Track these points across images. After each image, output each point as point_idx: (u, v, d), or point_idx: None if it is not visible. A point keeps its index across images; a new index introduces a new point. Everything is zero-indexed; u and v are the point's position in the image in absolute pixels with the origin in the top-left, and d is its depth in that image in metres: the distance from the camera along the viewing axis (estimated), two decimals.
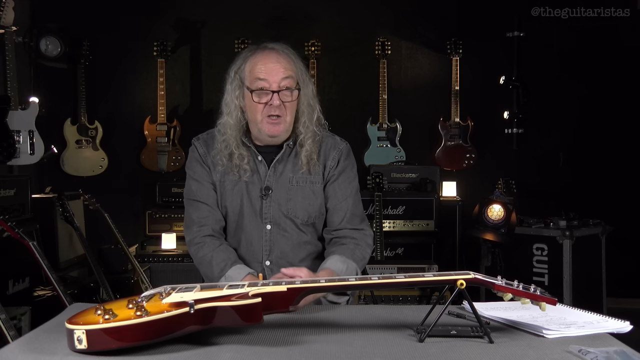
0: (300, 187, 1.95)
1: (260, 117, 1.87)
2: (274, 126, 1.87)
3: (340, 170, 1.98)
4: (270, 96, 1.84)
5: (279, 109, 1.85)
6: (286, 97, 1.86)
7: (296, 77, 1.89)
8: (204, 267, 1.92)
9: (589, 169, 4.76)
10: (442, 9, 4.85)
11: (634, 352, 1.22)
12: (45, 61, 4.45)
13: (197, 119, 4.76)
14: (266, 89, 1.85)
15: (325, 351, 1.25)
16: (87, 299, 3.34)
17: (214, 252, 1.89)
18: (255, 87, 1.86)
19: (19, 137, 3.81)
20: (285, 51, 1.90)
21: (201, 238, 1.93)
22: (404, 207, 4.32)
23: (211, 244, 1.91)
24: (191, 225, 1.96)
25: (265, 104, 1.85)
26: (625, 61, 4.72)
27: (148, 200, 4.61)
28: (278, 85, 1.85)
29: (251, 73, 1.87)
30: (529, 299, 1.34)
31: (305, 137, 1.92)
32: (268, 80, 1.85)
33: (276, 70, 1.85)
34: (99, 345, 1.19)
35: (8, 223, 2.71)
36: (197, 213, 1.96)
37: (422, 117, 4.87)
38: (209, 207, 1.95)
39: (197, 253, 1.93)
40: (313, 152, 1.93)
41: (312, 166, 1.94)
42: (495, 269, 3.92)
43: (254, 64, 1.87)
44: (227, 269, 1.84)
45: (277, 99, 1.84)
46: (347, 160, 2.00)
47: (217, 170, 1.95)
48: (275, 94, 1.84)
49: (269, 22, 4.83)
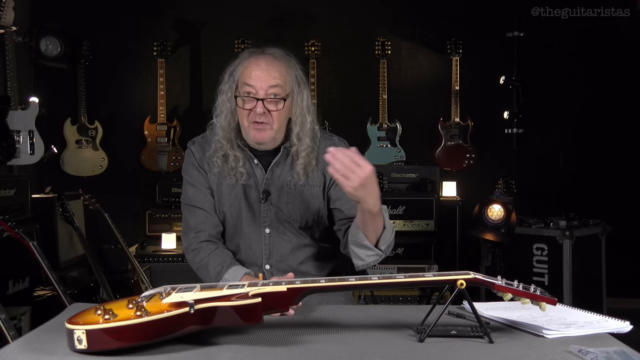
0: (299, 191, 1.93)
1: (247, 123, 1.84)
2: (258, 132, 1.84)
3: None
4: (254, 103, 1.82)
5: (264, 117, 1.82)
6: (271, 106, 1.82)
7: (286, 86, 1.84)
8: (201, 273, 1.91)
9: (589, 169, 4.76)
10: (442, 9, 4.85)
11: (634, 352, 1.22)
12: (45, 61, 4.45)
13: (197, 119, 4.76)
14: (252, 95, 1.82)
15: (325, 351, 1.25)
16: (87, 299, 3.34)
17: (209, 257, 1.87)
18: (241, 92, 1.83)
19: (19, 137, 3.81)
20: (280, 58, 1.86)
21: (197, 244, 1.91)
22: (404, 207, 4.32)
23: (207, 249, 1.90)
24: (188, 231, 1.95)
25: (250, 111, 1.83)
26: (625, 61, 4.72)
27: (148, 200, 4.61)
28: (265, 93, 1.81)
29: (241, 77, 1.85)
30: (529, 299, 1.34)
31: (300, 150, 1.89)
32: (255, 87, 1.81)
33: (263, 78, 1.81)
34: (99, 345, 1.19)
35: (8, 223, 2.71)
36: (194, 219, 1.94)
37: (422, 117, 4.87)
38: (205, 212, 1.94)
39: (194, 259, 1.92)
40: (309, 163, 1.91)
41: (309, 171, 1.92)
42: (495, 269, 3.92)
43: (245, 68, 1.85)
44: (224, 272, 1.82)
45: (260, 107, 1.80)
46: None
47: (214, 173, 1.93)
48: (260, 101, 1.80)
49: (269, 22, 4.83)
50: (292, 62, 1.89)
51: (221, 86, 1.92)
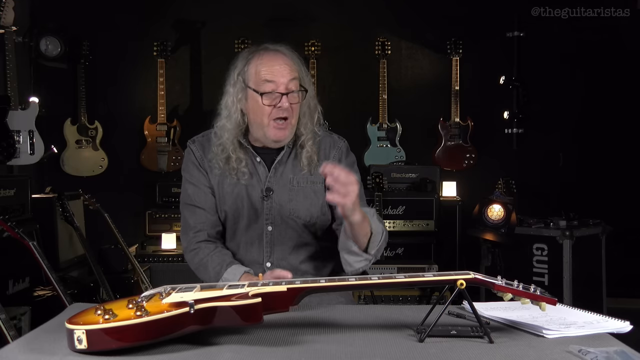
0: (302, 188, 1.93)
1: (267, 121, 1.83)
2: (280, 131, 1.84)
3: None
4: (279, 99, 1.81)
5: (287, 111, 1.83)
6: (293, 99, 1.83)
7: (300, 78, 1.87)
8: (201, 273, 1.91)
9: (589, 169, 4.76)
10: (442, 9, 4.85)
11: (634, 352, 1.22)
12: (45, 61, 4.45)
13: (197, 119, 4.76)
14: (275, 91, 1.81)
15: (325, 351, 1.25)
16: (87, 299, 3.34)
17: (208, 257, 1.88)
18: (263, 90, 1.82)
19: (19, 137, 3.81)
20: (289, 53, 1.88)
21: (196, 244, 1.91)
22: (404, 207, 4.32)
23: (206, 248, 1.90)
24: (187, 230, 1.94)
25: (272, 107, 1.82)
26: (625, 61, 4.72)
27: (148, 200, 4.61)
28: (286, 87, 1.82)
29: (257, 75, 1.83)
30: (529, 299, 1.34)
31: (306, 139, 1.90)
32: (276, 82, 1.81)
33: (283, 72, 1.82)
34: (99, 345, 1.19)
35: (8, 223, 2.71)
36: (194, 218, 1.94)
37: (422, 117, 4.87)
38: (205, 212, 1.93)
39: (193, 260, 1.92)
40: (314, 153, 1.92)
41: (313, 167, 1.92)
42: (495, 269, 3.92)
43: (259, 65, 1.83)
44: (223, 271, 1.82)
45: (286, 101, 1.81)
46: (348, 159, 1.99)
47: (215, 173, 1.93)
48: (284, 96, 1.81)
49: (269, 22, 4.83)
50: (298, 56, 1.91)
51: (228, 87, 1.90)
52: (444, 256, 4.30)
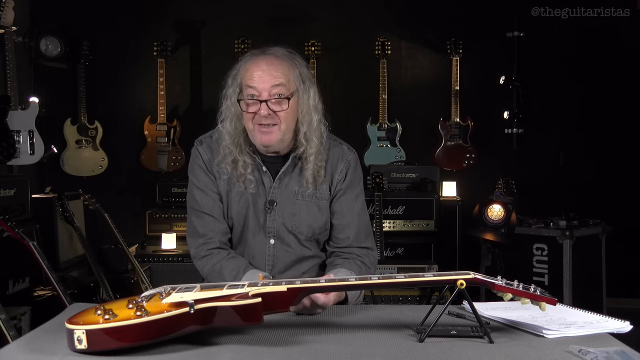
0: (306, 202, 1.89)
1: (252, 126, 1.80)
2: (264, 135, 1.79)
3: (348, 184, 1.92)
4: (258, 105, 1.76)
5: (270, 119, 1.76)
6: (276, 107, 1.77)
7: (290, 84, 1.79)
8: (214, 279, 1.83)
9: (589, 169, 4.76)
10: (442, 9, 4.85)
11: (634, 352, 1.22)
12: (45, 61, 4.45)
13: (197, 119, 4.76)
14: (256, 97, 1.76)
15: (325, 351, 1.25)
16: (87, 299, 3.34)
17: (222, 262, 1.84)
18: (245, 95, 1.79)
19: (19, 137, 3.81)
20: (282, 56, 1.81)
21: (207, 251, 1.87)
22: (404, 207, 4.32)
23: (218, 255, 1.86)
24: (196, 237, 1.90)
25: (254, 113, 1.78)
26: (625, 61, 4.72)
27: (148, 200, 4.61)
28: (268, 94, 1.76)
29: (244, 80, 1.80)
30: (529, 299, 1.34)
31: (309, 152, 1.85)
32: (257, 88, 1.76)
33: (265, 78, 1.75)
34: (99, 345, 1.19)
35: (8, 223, 2.71)
36: (202, 226, 1.89)
37: (422, 117, 4.87)
38: (214, 219, 1.89)
39: (205, 266, 1.87)
40: (320, 169, 1.87)
41: (318, 183, 1.88)
42: (495, 269, 3.92)
43: (246, 70, 1.80)
44: (241, 274, 1.78)
45: (265, 109, 1.75)
46: (354, 173, 1.94)
47: (223, 179, 1.88)
48: (264, 103, 1.75)
49: (269, 22, 4.83)
50: (295, 60, 1.84)
51: (225, 90, 1.87)
52: (444, 256, 4.30)
